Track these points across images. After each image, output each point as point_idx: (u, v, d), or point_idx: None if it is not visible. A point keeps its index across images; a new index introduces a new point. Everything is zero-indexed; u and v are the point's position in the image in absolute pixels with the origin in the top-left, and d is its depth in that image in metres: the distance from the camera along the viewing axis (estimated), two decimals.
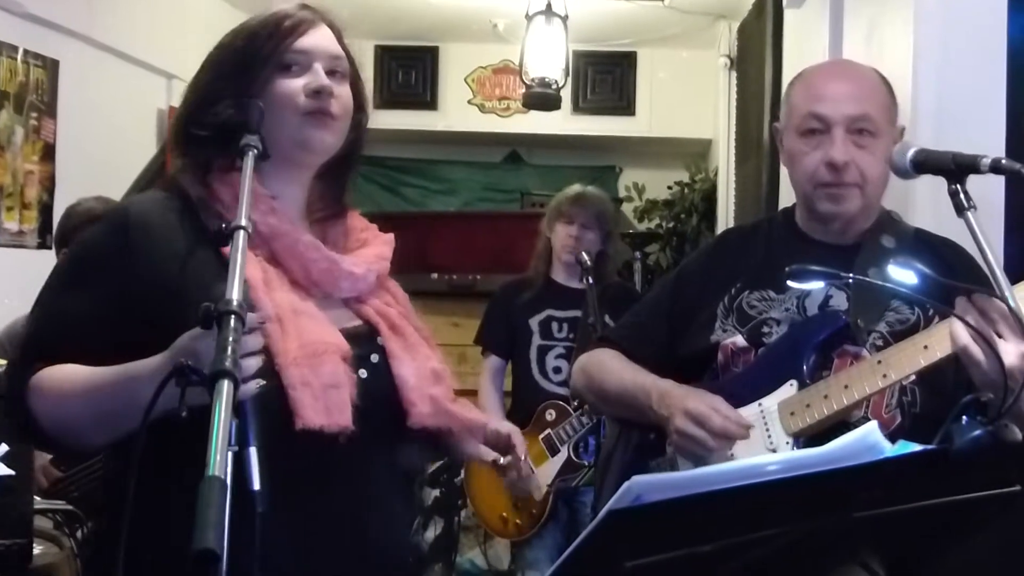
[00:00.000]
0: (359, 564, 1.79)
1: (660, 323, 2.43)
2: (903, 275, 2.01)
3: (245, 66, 1.84)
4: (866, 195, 2.23)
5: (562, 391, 4.31)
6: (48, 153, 5.14)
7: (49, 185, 5.12)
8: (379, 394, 1.82)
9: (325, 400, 1.71)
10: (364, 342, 1.87)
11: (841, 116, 2.20)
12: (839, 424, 2.10)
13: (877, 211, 2.31)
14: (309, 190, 1.96)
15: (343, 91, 1.90)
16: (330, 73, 1.87)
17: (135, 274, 1.71)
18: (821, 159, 2.21)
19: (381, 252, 2.03)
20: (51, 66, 5.11)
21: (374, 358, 1.86)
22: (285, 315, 1.71)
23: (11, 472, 1.79)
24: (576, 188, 4.48)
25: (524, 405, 4.43)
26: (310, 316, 1.77)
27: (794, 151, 2.27)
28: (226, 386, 1.25)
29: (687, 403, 2.17)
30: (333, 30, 1.95)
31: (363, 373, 1.81)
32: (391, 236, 2.10)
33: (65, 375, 1.70)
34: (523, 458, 2.01)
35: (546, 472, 4.29)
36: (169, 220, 1.77)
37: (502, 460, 1.98)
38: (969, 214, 1.81)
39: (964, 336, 1.87)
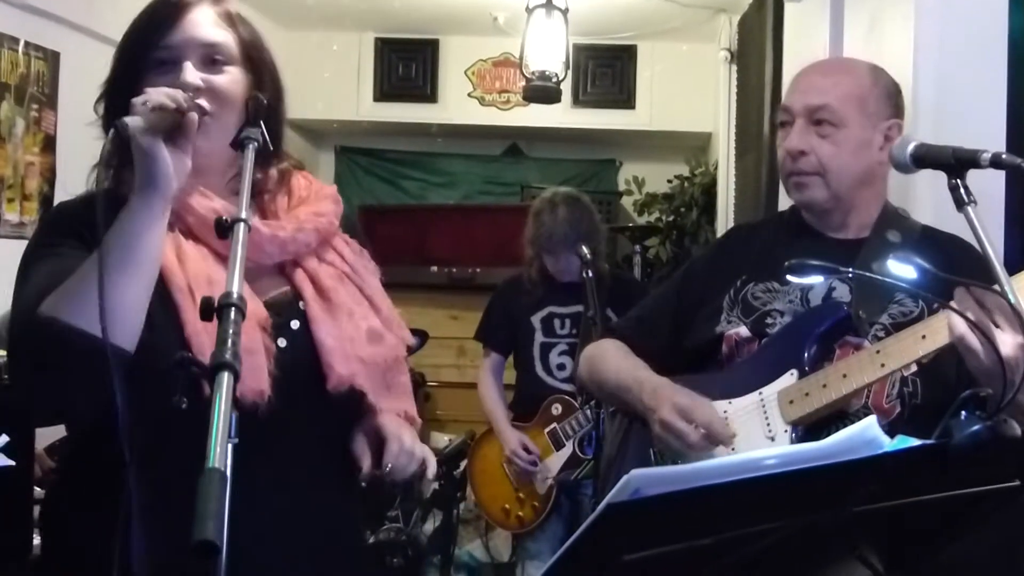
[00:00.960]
0: (281, 539, 1.76)
1: (666, 317, 2.45)
2: (903, 269, 2.01)
3: (126, 69, 1.82)
4: (830, 184, 2.26)
5: (566, 387, 4.32)
6: (49, 145, 5.13)
7: (50, 177, 5.11)
8: (299, 361, 1.79)
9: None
10: (286, 309, 1.84)
11: (801, 107, 2.27)
12: (838, 413, 2.11)
13: (878, 205, 2.32)
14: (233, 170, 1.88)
15: (219, 80, 1.82)
16: (208, 61, 1.82)
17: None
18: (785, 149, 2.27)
19: (317, 208, 1.97)
20: (52, 58, 5.10)
21: (294, 324, 1.83)
22: (199, 286, 1.69)
23: (11, 462, 1.79)
24: (557, 207, 4.32)
25: (528, 401, 4.44)
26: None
27: (777, 144, 2.34)
28: (226, 378, 1.25)
29: (676, 397, 2.19)
30: (215, 5, 1.88)
31: (282, 342, 1.79)
32: (333, 191, 2.05)
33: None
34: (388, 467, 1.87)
35: (551, 465, 4.31)
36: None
37: (363, 470, 1.86)
38: (969, 209, 1.82)
39: (961, 325, 1.87)
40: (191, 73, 1.78)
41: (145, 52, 1.81)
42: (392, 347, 1.94)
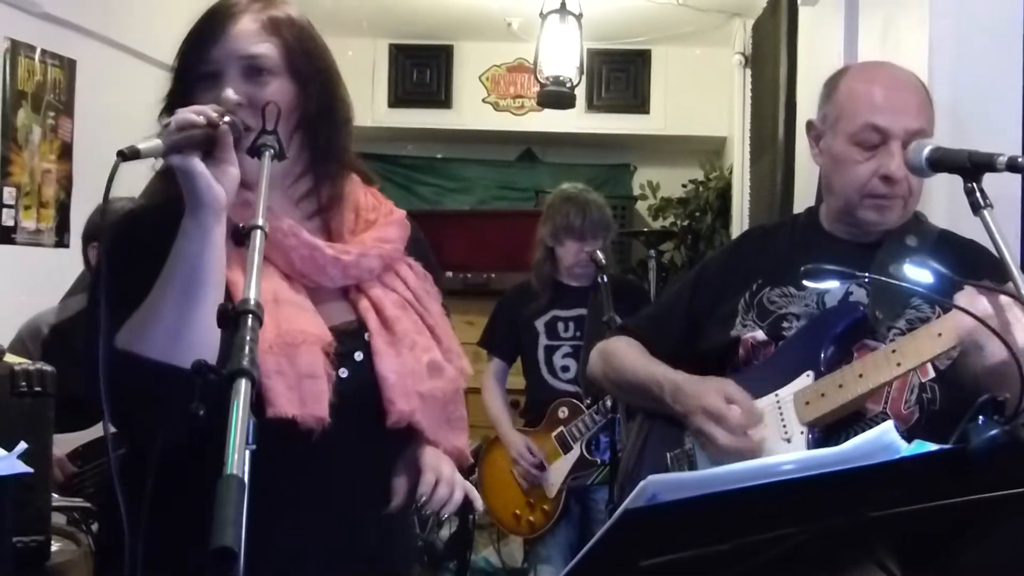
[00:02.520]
0: (319, 563, 1.76)
1: (679, 317, 2.45)
2: (919, 274, 2.00)
3: (178, 85, 1.82)
4: (908, 206, 2.24)
5: (572, 388, 4.33)
6: (65, 152, 5.15)
7: (66, 184, 5.14)
8: (359, 393, 1.78)
9: (300, 390, 1.69)
10: (351, 339, 1.82)
11: (902, 130, 2.18)
12: (854, 415, 2.11)
13: None
14: (297, 179, 1.89)
15: (260, 92, 1.79)
16: (251, 73, 1.80)
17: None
18: (875, 171, 2.20)
19: (384, 234, 1.95)
20: (68, 66, 5.13)
21: (358, 356, 1.82)
22: (265, 304, 1.69)
23: (29, 469, 1.80)
24: (576, 197, 4.39)
25: (536, 405, 4.47)
26: (294, 306, 1.75)
27: (844, 157, 2.24)
28: (244, 385, 1.25)
29: (703, 401, 2.18)
30: (261, 13, 1.86)
31: (344, 372, 1.78)
32: (402, 215, 2.03)
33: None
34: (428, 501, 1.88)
35: (560, 469, 4.30)
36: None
37: (393, 504, 1.88)
38: (985, 212, 1.81)
39: (967, 322, 1.86)
40: (228, 90, 1.75)
41: (192, 67, 1.79)
42: (451, 380, 1.92)
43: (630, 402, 2.56)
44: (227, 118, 1.66)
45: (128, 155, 1.52)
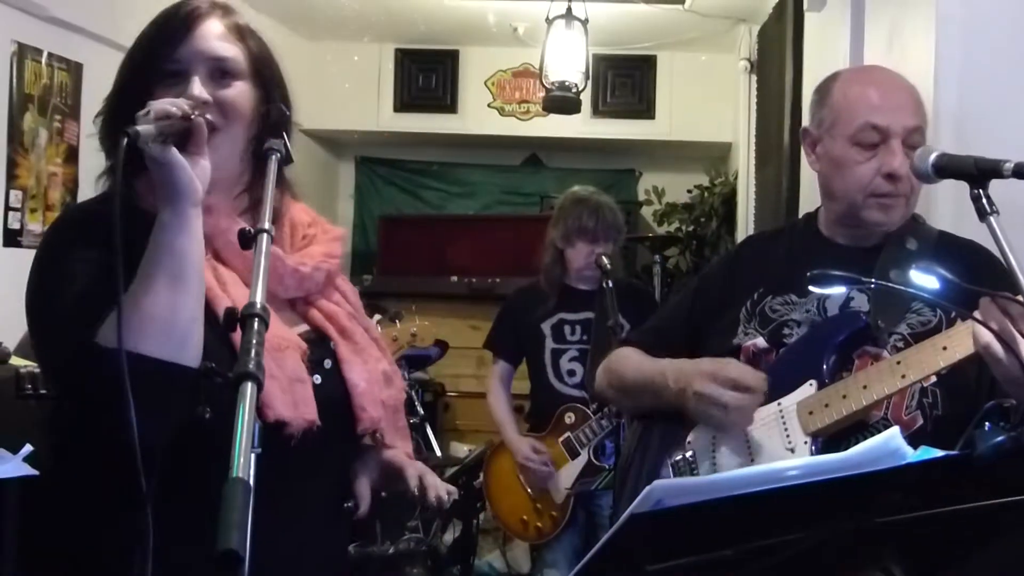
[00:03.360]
0: (287, 569, 1.76)
1: (680, 326, 2.45)
2: (924, 279, 2.00)
3: (133, 80, 1.79)
4: (910, 204, 2.24)
5: (578, 393, 4.32)
6: (72, 155, 5.16)
7: (72, 187, 5.15)
8: (332, 400, 1.81)
9: (292, 394, 1.71)
10: (316, 347, 1.84)
11: (901, 127, 2.19)
12: (857, 424, 2.10)
13: None
14: (244, 189, 1.87)
15: (228, 93, 1.78)
16: (217, 74, 1.79)
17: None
18: (878, 169, 2.20)
19: (329, 250, 1.97)
20: (75, 69, 5.14)
21: (327, 363, 1.85)
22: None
23: (35, 472, 1.79)
24: (588, 199, 4.38)
25: (542, 409, 4.45)
26: None
27: (844, 159, 2.25)
28: (249, 388, 1.25)
29: (701, 364, 2.19)
30: (224, 18, 1.84)
31: (317, 378, 1.80)
32: (340, 232, 2.04)
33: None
34: (416, 485, 1.98)
35: (567, 475, 4.30)
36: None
37: (360, 509, 1.93)
38: (992, 219, 1.81)
39: (985, 335, 1.86)
40: (198, 87, 1.74)
41: (154, 64, 1.77)
42: (399, 389, 1.99)
43: (634, 407, 2.55)
44: (197, 112, 1.65)
45: (131, 136, 1.52)
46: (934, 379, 2.10)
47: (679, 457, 2.29)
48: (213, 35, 1.81)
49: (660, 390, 2.29)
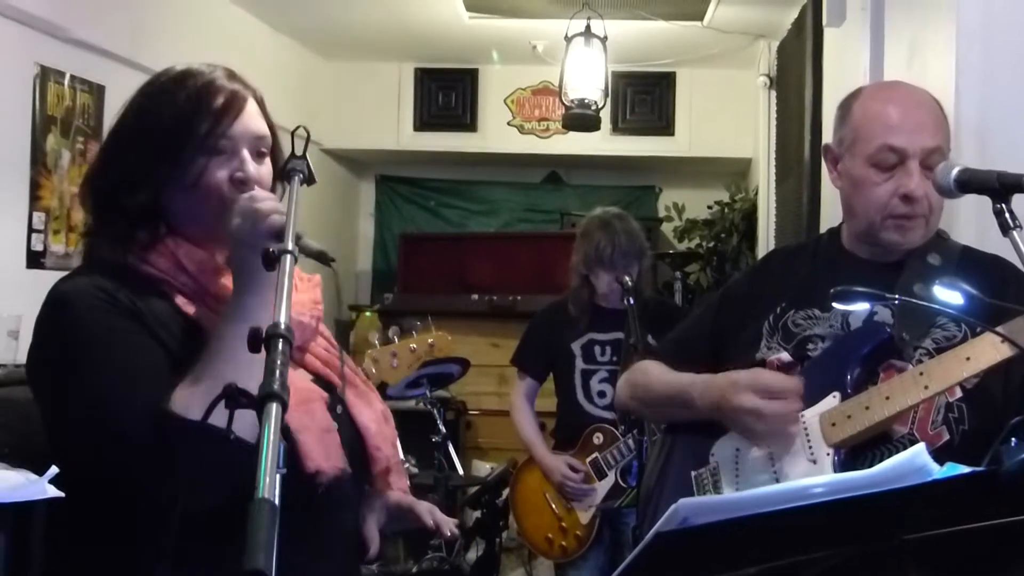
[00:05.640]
0: None
1: (703, 340, 2.44)
2: (948, 295, 1.99)
3: (173, 148, 1.80)
4: (930, 224, 2.23)
5: (608, 415, 4.29)
6: None
7: None
8: (348, 444, 1.85)
9: (324, 444, 1.76)
10: (328, 394, 1.89)
11: (918, 149, 2.17)
12: (880, 437, 2.09)
13: None
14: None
15: (264, 171, 1.86)
16: (258, 153, 1.86)
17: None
18: (895, 191, 2.19)
19: (314, 296, 1.99)
20: (97, 91, 5.17)
21: (339, 409, 1.89)
22: None
23: (61, 494, 1.80)
24: (608, 225, 4.32)
25: (569, 429, 4.42)
26: None
27: (862, 179, 2.24)
28: (275, 409, 1.25)
29: (735, 376, 2.17)
30: (256, 100, 1.91)
31: (335, 425, 1.84)
32: (318, 278, 2.05)
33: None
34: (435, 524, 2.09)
35: (594, 495, 4.29)
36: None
37: (372, 551, 2.01)
38: (1015, 233, 1.80)
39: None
40: (253, 167, 1.82)
41: (209, 139, 1.80)
42: (393, 427, 2.03)
43: (658, 419, 2.54)
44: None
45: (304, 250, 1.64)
46: (959, 394, 2.09)
47: (702, 470, 2.29)
48: (255, 114, 1.87)
49: (687, 403, 2.28)
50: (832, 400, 2.14)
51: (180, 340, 1.73)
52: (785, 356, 2.27)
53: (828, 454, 2.11)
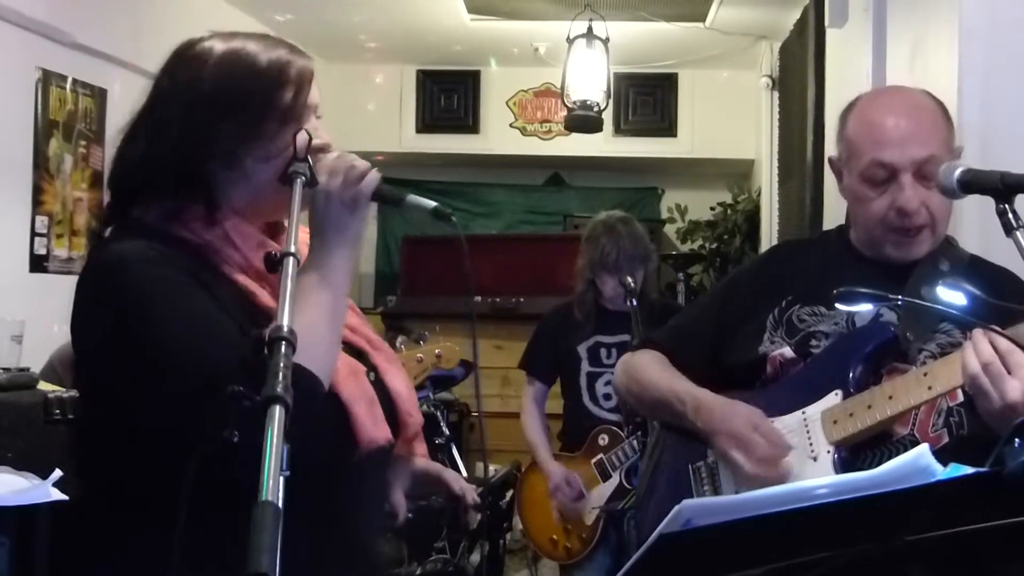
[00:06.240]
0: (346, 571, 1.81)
1: (706, 329, 2.43)
2: (951, 295, 1.99)
3: (257, 111, 1.80)
4: (936, 233, 2.21)
5: (613, 417, 4.29)
6: (97, 180, 5.20)
7: (98, 212, 5.18)
8: (384, 409, 1.84)
9: (372, 415, 1.76)
10: (359, 361, 1.88)
11: (908, 162, 2.15)
12: (881, 436, 2.09)
13: None
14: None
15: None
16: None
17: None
18: (890, 205, 2.18)
19: None
20: (99, 95, 5.18)
21: (371, 376, 1.87)
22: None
23: (65, 497, 1.81)
24: (611, 229, 4.30)
25: (575, 431, 4.42)
26: None
27: (859, 194, 2.23)
28: (278, 411, 1.25)
29: (730, 425, 2.17)
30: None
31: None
32: None
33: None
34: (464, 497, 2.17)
35: (598, 496, 4.28)
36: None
37: (400, 517, 2.05)
38: (1018, 234, 1.79)
39: (973, 365, 1.85)
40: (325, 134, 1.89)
41: (296, 109, 1.84)
42: (415, 395, 2.03)
43: (651, 416, 2.55)
44: None
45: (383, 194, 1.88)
46: (961, 397, 2.09)
47: (700, 463, 2.29)
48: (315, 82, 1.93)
49: (677, 415, 2.29)
50: (834, 397, 2.14)
51: (231, 305, 1.71)
52: (788, 352, 2.27)
53: (829, 451, 2.11)
